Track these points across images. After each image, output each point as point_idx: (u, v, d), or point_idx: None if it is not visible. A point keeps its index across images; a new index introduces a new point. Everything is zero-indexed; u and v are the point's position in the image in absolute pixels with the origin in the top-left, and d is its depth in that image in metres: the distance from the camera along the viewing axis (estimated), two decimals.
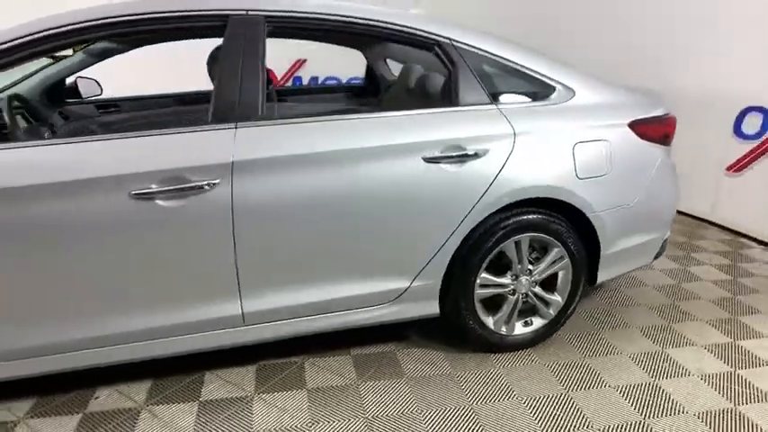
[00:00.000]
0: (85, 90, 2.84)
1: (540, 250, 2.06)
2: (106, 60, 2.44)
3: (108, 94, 2.92)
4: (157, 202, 1.55)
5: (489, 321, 2.05)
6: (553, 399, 1.85)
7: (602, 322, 2.38)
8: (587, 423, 1.74)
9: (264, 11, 1.72)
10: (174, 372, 1.94)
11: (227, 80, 1.65)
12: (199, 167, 1.57)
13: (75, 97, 2.70)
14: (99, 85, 2.91)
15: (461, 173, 1.82)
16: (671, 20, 3.85)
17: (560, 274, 2.08)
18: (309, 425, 1.69)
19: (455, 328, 2.06)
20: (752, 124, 3.41)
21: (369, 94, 3.29)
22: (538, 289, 2.07)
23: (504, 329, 2.08)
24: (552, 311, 2.12)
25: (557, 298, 2.11)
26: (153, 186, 1.54)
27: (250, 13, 1.70)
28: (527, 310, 2.12)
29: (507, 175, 1.86)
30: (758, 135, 3.38)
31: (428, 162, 1.79)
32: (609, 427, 1.72)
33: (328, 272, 1.81)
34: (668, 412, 1.80)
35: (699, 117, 3.64)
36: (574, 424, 1.73)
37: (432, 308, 1.99)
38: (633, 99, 2.17)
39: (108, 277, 1.59)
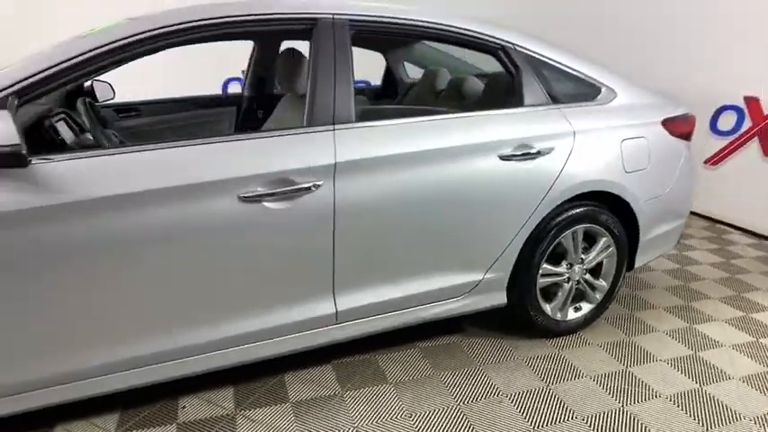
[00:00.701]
0: (101, 93, 2.72)
1: (586, 239, 2.23)
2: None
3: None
4: (264, 204, 1.55)
5: (547, 309, 2.19)
6: (614, 373, 2.02)
7: (629, 305, 2.59)
8: (654, 393, 1.91)
9: (349, 15, 1.76)
10: (244, 377, 1.93)
11: (322, 84, 1.68)
12: (304, 169, 1.59)
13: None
14: (112, 89, 2.80)
15: (531, 170, 1.94)
16: (647, 21, 4.19)
17: (606, 261, 2.26)
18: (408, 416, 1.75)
19: (518, 316, 2.18)
20: (726, 122, 3.79)
21: (385, 96, 3.36)
22: (588, 276, 2.24)
23: (558, 315, 2.23)
24: (598, 296, 2.29)
25: (603, 283, 2.28)
26: (259, 189, 1.54)
27: (336, 17, 1.74)
28: (576, 296, 2.28)
29: (569, 171, 2.00)
30: (732, 131, 3.76)
31: (503, 160, 1.89)
32: (674, 394, 1.90)
33: (414, 268, 1.87)
34: (716, 379, 2.01)
35: None
36: (643, 393, 1.90)
37: (500, 298, 2.10)
38: (661, 99, 2.38)
39: (212, 282, 1.57)
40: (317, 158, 1.61)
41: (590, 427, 1.73)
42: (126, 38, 1.46)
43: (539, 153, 1.95)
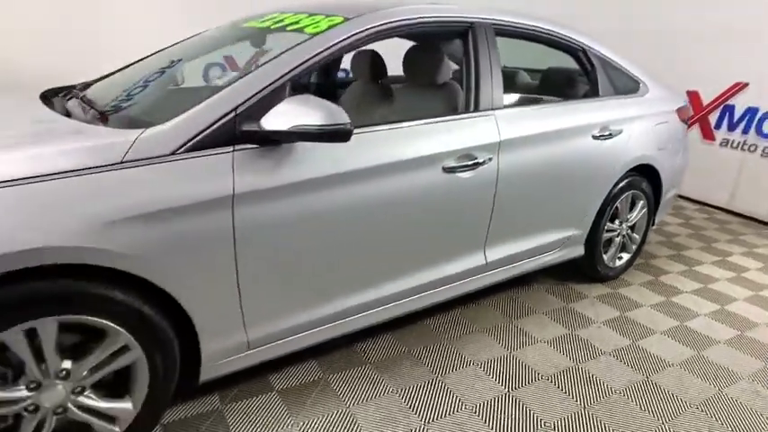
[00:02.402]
0: None
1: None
2: None
3: None
4: (457, 174, 1.90)
5: (605, 258, 2.78)
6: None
7: (642, 270, 3.28)
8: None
9: (492, 19, 2.14)
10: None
11: (483, 75, 2.04)
12: (481, 146, 1.96)
13: None
14: None
15: (609, 147, 2.48)
16: (612, 35, 4.99)
17: (639, 219, 2.90)
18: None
19: (584, 266, 2.73)
20: None
21: None
22: (628, 231, 2.86)
23: (611, 264, 2.83)
24: (633, 247, 2.93)
25: (637, 236, 2.92)
26: (452, 162, 1.89)
27: (486, 21, 2.11)
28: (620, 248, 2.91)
29: (629, 148, 2.58)
30: None
31: (594, 139, 2.41)
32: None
33: (537, 225, 2.33)
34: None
35: None
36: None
37: (580, 250, 2.63)
38: (671, 92, 3.06)
39: (419, 238, 1.89)
40: (488, 137, 1.99)
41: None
42: (346, 38, 1.71)
43: (611, 134, 2.50)
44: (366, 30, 1.75)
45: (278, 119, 1.43)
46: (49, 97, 1.93)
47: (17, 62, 4.02)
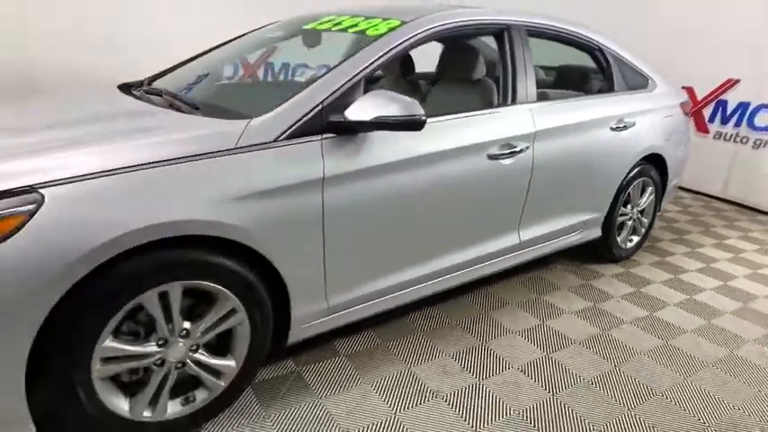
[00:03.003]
0: None
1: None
2: None
3: None
4: (499, 161, 2.12)
5: (620, 239, 3.03)
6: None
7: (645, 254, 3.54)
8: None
9: (525, 22, 2.37)
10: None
11: (519, 72, 2.27)
12: (520, 136, 2.19)
13: None
14: None
15: (624, 137, 2.73)
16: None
17: (648, 204, 3.15)
18: None
19: (599, 247, 2.98)
20: None
21: None
22: (639, 215, 3.12)
23: (623, 245, 3.08)
24: (642, 230, 3.19)
25: (646, 220, 3.18)
26: (496, 150, 2.11)
27: (520, 23, 2.34)
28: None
29: (642, 139, 2.83)
30: None
31: (612, 130, 2.65)
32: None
33: (563, 208, 2.57)
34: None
35: None
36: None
37: (597, 232, 2.88)
38: (674, 88, 3.32)
39: (460, 219, 2.11)
40: (526, 128, 2.22)
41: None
42: (408, 38, 1.92)
43: (626, 126, 2.74)
44: (424, 31, 1.96)
45: (361, 111, 1.64)
46: (132, 91, 2.12)
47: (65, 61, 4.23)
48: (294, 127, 1.60)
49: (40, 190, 1.24)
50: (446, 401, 1.82)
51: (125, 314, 1.37)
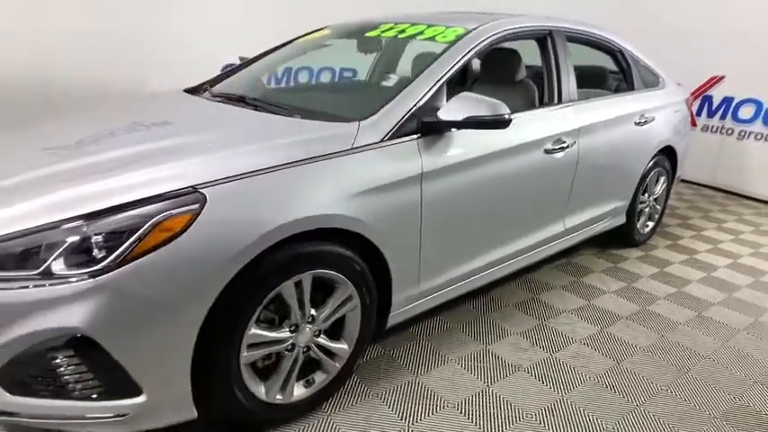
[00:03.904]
0: None
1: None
2: None
3: None
4: (553, 155, 2.32)
5: (639, 225, 3.29)
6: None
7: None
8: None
9: (563, 27, 2.58)
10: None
11: (564, 73, 2.48)
12: (568, 132, 2.40)
13: None
14: None
15: (645, 132, 2.98)
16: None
17: (661, 192, 3.43)
18: None
19: (625, 232, 3.22)
20: None
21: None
22: (653, 202, 3.39)
23: (642, 231, 3.35)
24: (656, 216, 3.47)
25: (659, 207, 3.46)
26: (548, 145, 2.31)
27: (561, 29, 2.55)
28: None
29: (658, 133, 3.10)
30: None
31: (636, 125, 2.90)
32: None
33: (598, 197, 2.80)
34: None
35: None
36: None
37: (622, 219, 3.12)
38: (677, 85, 3.61)
39: (523, 208, 2.31)
40: (572, 125, 2.43)
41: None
42: (477, 44, 2.10)
43: (647, 121, 3.00)
44: (489, 37, 2.15)
45: (453, 111, 1.80)
46: (212, 96, 2.22)
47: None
48: (395, 128, 1.75)
49: (202, 190, 1.35)
50: (528, 372, 2.00)
51: (266, 303, 1.50)
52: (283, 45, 2.87)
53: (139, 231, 1.26)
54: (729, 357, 2.20)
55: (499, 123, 1.82)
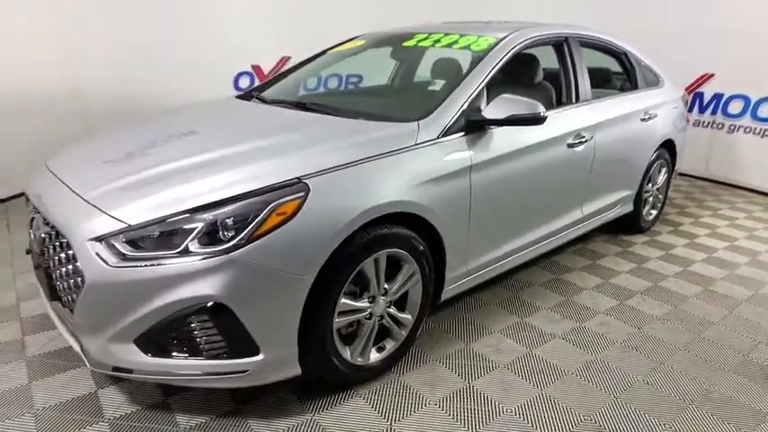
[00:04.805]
0: None
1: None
2: None
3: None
4: (574, 149, 2.61)
5: (644, 212, 3.59)
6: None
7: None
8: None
9: (578, 34, 2.88)
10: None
11: (580, 75, 2.77)
12: (586, 127, 2.69)
13: None
14: None
15: (648, 127, 3.29)
16: None
17: (662, 182, 3.75)
18: None
19: (632, 219, 3.52)
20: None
21: None
22: (655, 191, 3.70)
23: (646, 218, 3.65)
24: (659, 205, 3.78)
25: (661, 196, 3.78)
26: (570, 140, 2.59)
27: (576, 36, 2.85)
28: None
29: (659, 128, 3.40)
30: None
31: (641, 121, 3.20)
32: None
33: (610, 186, 3.09)
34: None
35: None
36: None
37: (630, 207, 3.42)
38: (676, 83, 3.93)
39: (549, 197, 2.59)
40: (589, 121, 2.72)
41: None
42: (509, 51, 2.39)
43: (650, 117, 3.31)
44: (519, 44, 2.45)
45: (496, 111, 2.08)
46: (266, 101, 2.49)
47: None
48: (448, 126, 2.03)
49: (305, 180, 1.61)
50: (563, 339, 2.28)
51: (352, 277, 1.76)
52: (319, 55, 3.13)
53: (261, 215, 1.51)
54: (736, 323, 2.50)
55: (536, 120, 2.09)
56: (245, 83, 6.06)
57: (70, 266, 1.61)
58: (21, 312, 2.41)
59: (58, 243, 1.67)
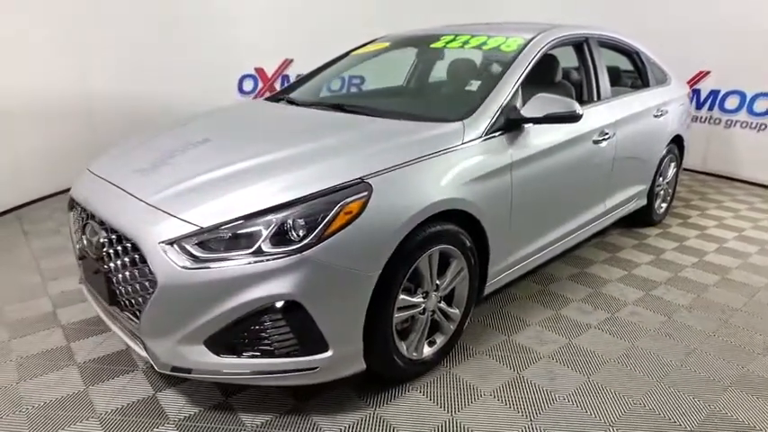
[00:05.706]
0: None
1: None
2: None
3: None
4: (599, 145, 2.69)
5: (656, 205, 3.71)
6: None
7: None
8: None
9: (597, 34, 2.97)
10: None
11: (600, 74, 2.85)
12: (609, 124, 2.78)
13: None
14: None
15: (660, 123, 3.40)
16: None
17: (671, 177, 3.86)
18: None
19: (646, 212, 3.62)
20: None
21: None
22: (665, 185, 3.81)
23: (658, 211, 3.77)
24: (668, 198, 3.90)
25: (671, 190, 3.90)
26: (595, 136, 2.68)
27: (596, 36, 2.94)
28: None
29: (669, 124, 3.52)
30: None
31: (654, 117, 3.31)
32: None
33: (628, 181, 3.19)
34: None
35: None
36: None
37: (644, 201, 3.53)
38: (682, 81, 4.05)
39: (579, 192, 2.68)
40: (611, 118, 2.81)
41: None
42: (538, 51, 2.46)
43: (662, 114, 3.42)
44: (547, 44, 2.52)
45: (534, 109, 2.14)
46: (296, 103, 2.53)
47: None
48: (489, 125, 2.09)
49: (368, 180, 1.65)
50: (598, 329, 2.35)
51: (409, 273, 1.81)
52: (342, 57, 3.17)
53: (330, 214, 1.56)
54: (757, 308, 2.61)
55: (573, 118, 2.17)
56: (248, 85, 6.08)
57: (136, 270, 1.63)
58: (60, 320, 2.41)
59: (120, 247, 1.69)
